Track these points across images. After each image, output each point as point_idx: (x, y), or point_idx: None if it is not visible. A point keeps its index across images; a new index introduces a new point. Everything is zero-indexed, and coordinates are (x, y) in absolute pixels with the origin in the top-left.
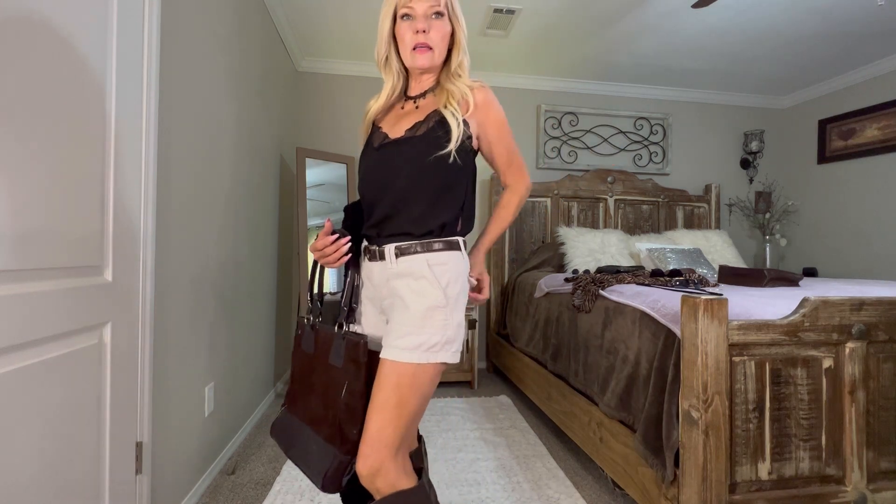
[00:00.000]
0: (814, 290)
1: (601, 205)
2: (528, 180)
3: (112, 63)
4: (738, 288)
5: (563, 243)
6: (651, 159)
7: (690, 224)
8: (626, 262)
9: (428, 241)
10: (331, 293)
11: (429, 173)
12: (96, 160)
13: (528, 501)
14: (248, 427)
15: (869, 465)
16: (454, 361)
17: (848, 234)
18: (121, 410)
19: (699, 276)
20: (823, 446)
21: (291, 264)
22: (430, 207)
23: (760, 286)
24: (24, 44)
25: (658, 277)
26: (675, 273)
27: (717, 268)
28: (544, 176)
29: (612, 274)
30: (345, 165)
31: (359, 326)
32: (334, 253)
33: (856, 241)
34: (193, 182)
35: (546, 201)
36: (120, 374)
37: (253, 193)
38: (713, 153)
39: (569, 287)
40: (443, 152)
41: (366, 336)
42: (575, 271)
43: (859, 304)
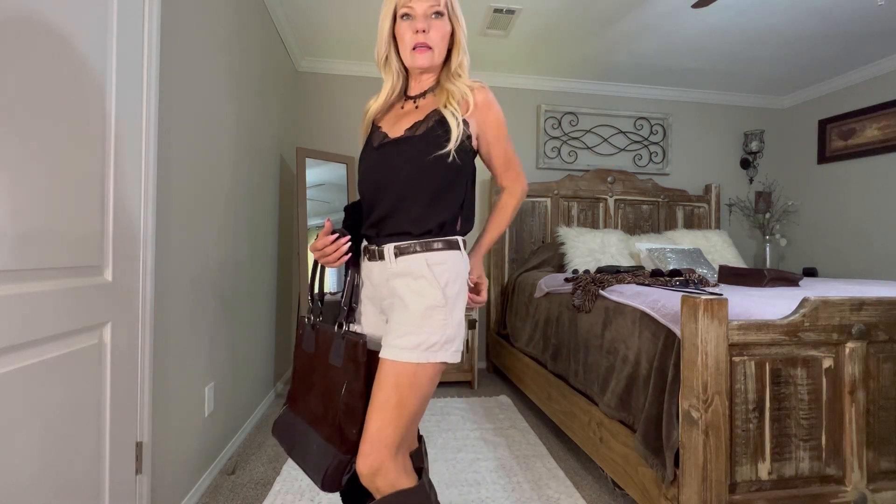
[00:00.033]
0: (814, 290)
1: (601, 205)
2: (524, 182)
3: (112, 63)
4: (738, 288)
5: (563, 243)
6: (651, 159)
7: (690, 224)
8: (626, 262)
9: (427, 240)
10: (331, 293)
11: (428, 173)
12: (96, 160)
13: (528, 501)
14: (248, 427)
15: (869, 465)
16: (454, 361)
17: (848, 234)
18: (121, 410)
19: (699, 276)
20: (823, 446)
21: (291, 264)
22: (429, 207)
23: (760, 286)
24: (24, 44)
25: (658, 277)
26: (675, 273)
27: (717, 268)
28: (544, 176)
29: (612, 274)
30: (345, 165)
31: (359, 326)
32: (334, 253)
33: (856, 241)
34: (193, 182)
35: (546, 201)
36: (120, 374)
37: (253, 193)
38: (713, 153)
39: (569, 287)
40: (442, 152)
41: (365, 336)
42: (575, 271)
43: (859, 304)
